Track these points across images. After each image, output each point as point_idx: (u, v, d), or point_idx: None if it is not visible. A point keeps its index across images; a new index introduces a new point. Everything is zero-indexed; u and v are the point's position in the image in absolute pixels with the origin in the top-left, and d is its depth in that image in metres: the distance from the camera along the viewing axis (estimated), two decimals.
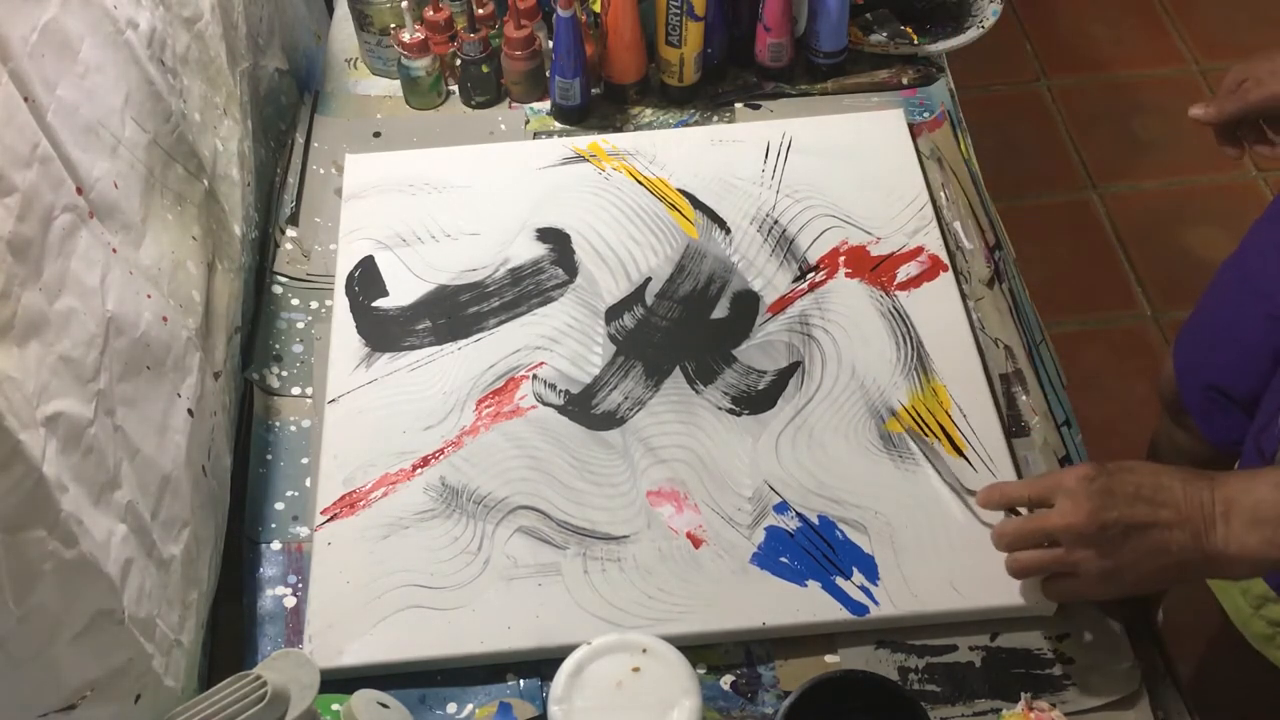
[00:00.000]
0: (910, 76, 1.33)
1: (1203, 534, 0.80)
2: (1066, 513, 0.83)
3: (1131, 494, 0.82)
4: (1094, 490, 0.82)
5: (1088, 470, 0.83)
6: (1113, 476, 0.82)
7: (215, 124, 1.07)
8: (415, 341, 1.11)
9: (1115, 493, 0.82)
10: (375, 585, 0.95)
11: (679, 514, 0.99)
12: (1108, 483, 0.82)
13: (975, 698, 0.90)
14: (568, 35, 1.23)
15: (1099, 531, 0.82)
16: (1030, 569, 0.88)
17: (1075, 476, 0.83)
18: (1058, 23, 2.61)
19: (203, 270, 0.99)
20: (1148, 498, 0.81)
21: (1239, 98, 1.05)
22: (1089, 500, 0.82)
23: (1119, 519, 0.81)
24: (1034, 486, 0.88)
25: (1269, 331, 1.11)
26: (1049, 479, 0.86)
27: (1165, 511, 0.81)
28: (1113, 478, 0.82)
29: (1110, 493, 0.82)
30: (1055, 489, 0.84)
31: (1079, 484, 0.82)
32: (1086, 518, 0.82)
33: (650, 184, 1.22)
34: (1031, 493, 0.88)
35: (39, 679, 0.69)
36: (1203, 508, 0.80)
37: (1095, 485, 0.82)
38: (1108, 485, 0.82)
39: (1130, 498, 0.81)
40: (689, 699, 0.81)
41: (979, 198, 1.23)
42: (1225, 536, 0.80)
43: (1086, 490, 0.82)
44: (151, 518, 0.81)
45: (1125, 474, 0.83)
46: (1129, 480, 0.82)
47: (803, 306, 1.12)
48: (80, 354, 0.74)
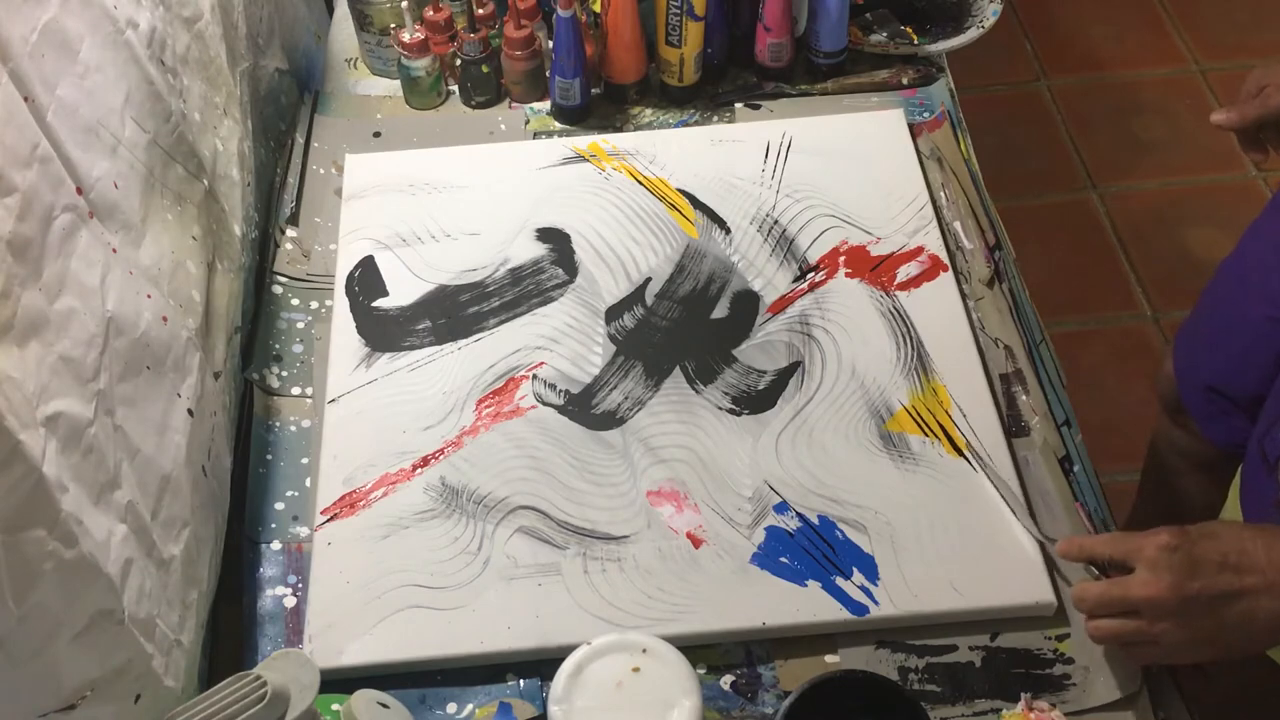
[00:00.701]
0: (910, 76, 1.33)
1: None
2: (1149, 584, 0.80)
3: (1216, 563, 0.79)
4: (1176, 562, 0.80)
5: (1169, 539, 0.81)
6: (1196, 545, 0.80)
7: (215, 124, 1.07)
8: (415, 341, 1.11)
9: (1198, 563, 0.79)
10: (375, 585, 0.95)
11: (679, 514, 0.99)
12: (1191, 552, 0.80)
13: (975, 698, 0.90)
14: (568, 35, 1.23)
15: (1181, 605, 0.79)
16: (1111, 639, 0.86)
17: (1156, 545, 0.81)
18: (1058, 23, 2.61)
19: (203, 270, 0.99)
20: (1233, 565, 0.79)
21: (1260, 103, 1.06)
22: (1171, 573, 0.79)
23: (1202, 590, 0.79)
24: (1116, 546, 0.85)
25: (1269, 333, 1.11)
26: (1132, 542, 0.83)
27: (1250, 578, 0.79)
28: (1196, 546, 0.80)
29: (1193, 563, 0.79)
30: (1137, 554, 0.82)
31: (1160, 554, 0.80)
32: (1169, 591, 0.79)
33: (650, 184, 1.23)
34: (1114, 553, 0.85)
35: (39, 679, 0.69)
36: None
37: (1178, 556, 0.80)
38: (1190, 555, 0.80)
39: (1215, 566, 0.79)
40: (689, 699, 0.81)
41: (979, 198, 1.23)
42: None
43: (1169, 561, 0.80)
44: (151, 518, 0.81)
45: (1208, 541, 0.80)
46: (1212, 549, 0.80)
47: (803, 306, 1.12)
48: (80, 354, 0.74)
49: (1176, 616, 0.80)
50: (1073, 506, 1.00)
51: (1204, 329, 1.27)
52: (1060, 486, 1.01)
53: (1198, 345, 1.28)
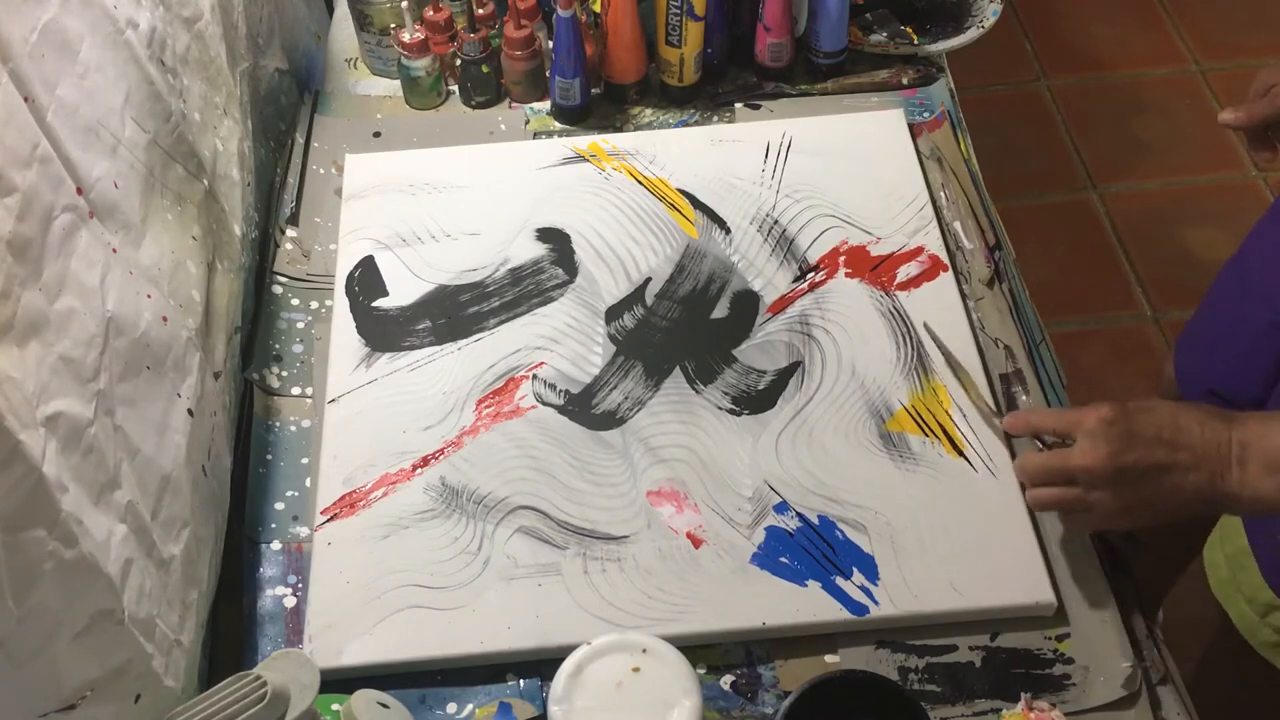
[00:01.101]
0: (910, 76, 1.33)
1: (1218, 476, 0.82)
2: (1086, 453, 0.84)
3: (1151, 437, 0.83)
4: (1114, 434, 0.83)
5: (1108, 412, 0.84)
6: (1132, 418, 0.84)
7: (215, 124, 1.07)
8: (415, 341, 1.11)
9: (1134, 435, 0.83)
10: (375, 585, 0.95)
11: (679, 514, 0.99)
12: (1128, 426, 0.83)
13: (975, 698, 0.90)
14: (568, 35, 1.23)
15: (1116, 474, 0.83)
16: (1048, 505, 0.91)
17: (1096, 417, 0.84)
18: (1058, 23, 2.61)
19: (203, 270, 0.99)
20: (1167, 440, 0.83)
21: (1269, 103, 1.06)
22: (1108, 443, 0.83)
23: (1137, 462, 0.83)
24: (1059, 420, 0.89)
25: (1271, 338, 1.11)
26: (1072, 414, 0.88)
27: (1182, 454, 0.82)
28: (1132, 419, 0.84)
29: (1130, 435, 0.83)
30: (1078, 426, 0.86)
31: (1099, 425, 0.84)
32: (1105, 460, 0.83)
33: (650, 184, 1.23)
34: (1056, 425, 0.89)
35: (39, 679, 0.69)
36: (1219, 449, 0.82)
37: (1116, 429, 0.83)
38: (1127, 428, 0.83)
39: (1149, 441, 0.83)
40: (689, 699, 0.81)
41: (979, 198, 1.23)
42: (1240, 479, 0.81)
43: (1106, 433, 0.83)
44: (151, 518, 0.82)
45: (1145, 415, 0.84)
46: (1148, 422, 0.83)
47: (803, 306, 1.12)
48: (80, 354, 0.74)
49: (1111, 485, 0.84)
50: None
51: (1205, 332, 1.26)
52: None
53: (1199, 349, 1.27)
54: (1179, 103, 2.44)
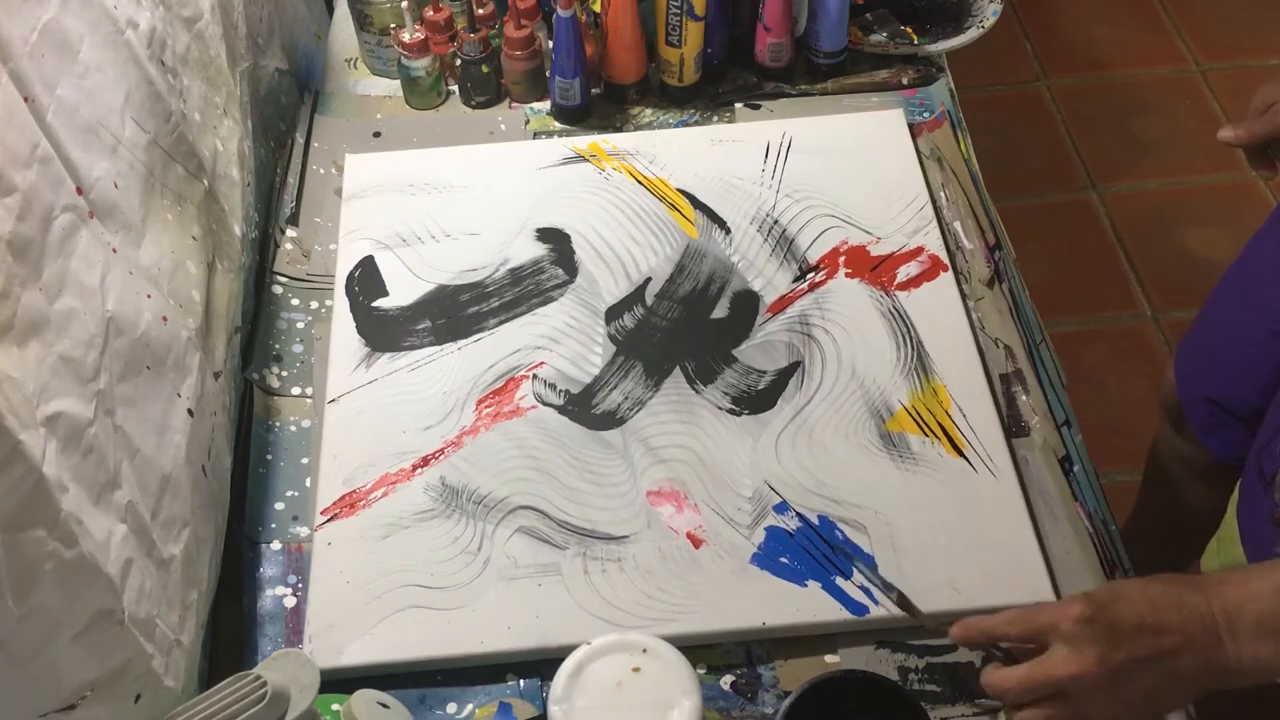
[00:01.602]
0: (910, 76, 1.33)
1: (1211, 652, 0.76)
2: (1072, 661, 0.76)
3: (1133, 626, 0.76)
4: (1096, 633, 0.76)
5: (1081, 609, 0.77)
6: (1108, 610, 0.77)
7: (215, 124, 1.07)
8: (415, 341, 1.11)
9: (1116, 629, 0.76)
10: (375, 585, 0.95)
11: (679, 514, 0.99)
12: (1107, 621, 0.76)
13: (975, 698, 0.90)
14: (568, 35, 1.23)
15: (1109, 677, 0.76)
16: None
17: (1070, 619, 0.76)
18: (1058, 23, 2.61)
19: (203, 270, 0.99)
20: (1150, 626, 0.76)
21: (1268, 120, 1.05)
22: (1094, 646, 0.76)
23: (1128, 658, 0.75)
24: (1020, 626, 0.79)
25: (1271, 347, 1.11)
26: (1037, 618, 0.79)
27: (1169, 638, 0.76)
28: (1109, 611, 0.77)
29: (1112, 631, 0.76)
30: (1049, 632, 0.77)
31: (1076, 627, 0.76)
32: (1095, 665, 0.75)
33: (650, 184, 1.23)
34: (1016, 633, 0.80)
35: (39, 679, 0.69)
36: (1204, 624, 0.76)
37: (1095, 627, 0.76)
38: (1107, 624, 0.76)
39: (1132, 631, 0.76)
40: (689, 699, 0.81)
41: (979, 198, 1.23)
42: (1236, 652, 0.75)
43: (1089, 634, 0.76)
44: (151, 518, 0.81)
45: (1120, 605, 0.77)
46: (1128, 613, 0.76)
47: (803, 306, 1.12)
48: (80, 354, 0.74)
49: (1106, 690, 0.76)
50: (1072, 506, 1.00)
51: (1206, 342, 1.26)
52: (1060, 486, 1.01)
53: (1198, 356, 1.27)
54: (1179, 103, 2.44)
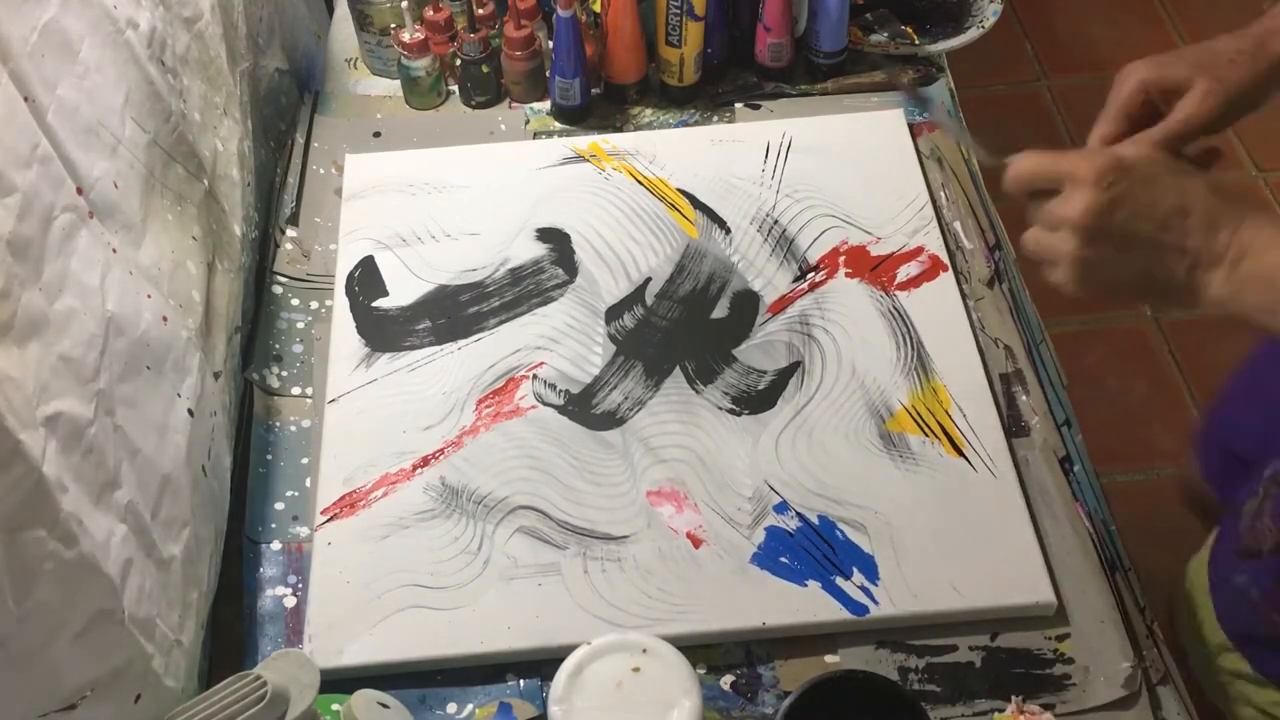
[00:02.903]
0: (910, 76, 1.33)
1: (1200, 270, 0.75)
2: (1066, 204, 0.77)
3: (1145, 206, 0.75)
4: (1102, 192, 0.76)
5: (1107, 165, 0.76)
6: (1134, 184, 0.76)
7: (215, 124, 1.07)
8: (415, 341, 1.11)
9: (1125, 200, 0.75)
10: (375, 585, 0.95)
11: (679, 514, 0.99)
12: (1126, 189, 0.75)
13: (975, 698, 0.90)
14: (568, 35, 1.23)
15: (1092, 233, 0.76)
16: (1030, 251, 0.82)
17: (1096, 170, 0.76)
18: (1058, 23, 2.61)
19: (203, 270, 0.99)
20: (1160, 216, 0.75)
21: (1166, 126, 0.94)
22: (1094, 198, 0.76)
23: (1120, 227, 0.76)
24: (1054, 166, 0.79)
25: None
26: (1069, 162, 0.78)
27: (1170, 235, 0.75)
28: (1133, 185, 0.76)
29: (1122, 199, 0.75)
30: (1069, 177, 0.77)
31: (1093, 177, 0.76)
32: (1081, 216, 0.76)
33: (650, 184, 1.23)
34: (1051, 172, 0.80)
35: (39, 679, 0.69)
36: (1214, 245, 0.75)
37: (1112, 192, 0.75)
38: (1125, 192, 0.75)
39: (1140, 211, 0.75)
40: (689, 699, 0.81)
41: (979, 198, 1.23)
42: (1224, 281, 0.75)
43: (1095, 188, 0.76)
44: (151, 518, 0.81)
45: (1147, 186, 0.76)
46: (1148, 195, 0.76)
47: (803, 306, 1.12)
48: (80, 354, 0.74)
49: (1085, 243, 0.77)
50: (1072, 506, 1.00)
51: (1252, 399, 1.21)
52: (1060, 486, 1.01)
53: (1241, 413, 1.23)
54: None
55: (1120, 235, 0.76)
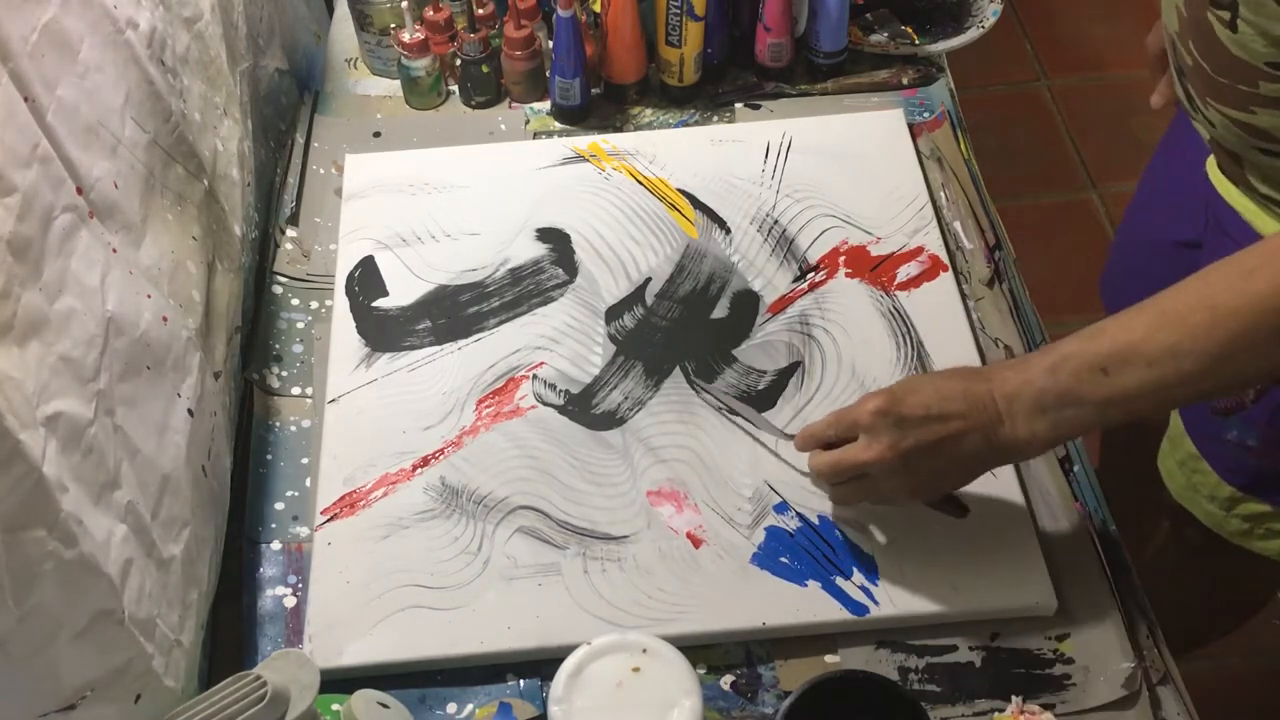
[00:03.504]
0: (910, 76, 1.33)
1: (992, 432, 0.86)
2: (869, 449, 0.89)
3: (921, 417, 0.87)
4: (888, 424, 0.88)
5: (877, 404, 0.88)
6: (901, 403, 0.88)
7: (215, 124, 1.07)
8: (415, 341, 1.11)
9: (906, 420, 0.87)
10: (375, 585, 0.95)
11: (679, 514, 0.99)
12: (898, 413, 0.87)
13: (975, 698, 0.90)
14: (568, 35, 1.23)
15: (902, 460, 0.87)
16: (850, 500, 0.97)
17: (868, 414, 0.89)
18: (1058, 23, 2.61)
19: (203, 270, 0.99)
20: (936, 415, 0.87)
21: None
22: (886, 434, 0.88)
23: (916, 444, 0.87)
24: (836, 425, 0.93)
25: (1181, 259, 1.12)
26: (847, 415, 0.91)
27: (954, 424, 0.86)
28: (901, 405, 0.88)
29: (902, 421, 0.87)
30: (855, 426, 0.90)
31: (874, 420, 0.88)
32: (886, 451, 0.88)
33: (650, 184, 1.22)
34: (838, 431, 0.93)
35: (39, 679, 0.69)
36: (985, 408, 0.86)
37: (889, 419, 0.87)
38: (899, 416, 0.87)
39: (920, 421, 0.87)
40: (689, 699, 0.81)
41: (979, 198, 1.23)
42: (1014, 430, 0.85)
43: (883, 425, 0.88)
44: (151, 518, 0.81)
45: (912, 398, 0.88)
46: (915, 403, 0.87)
47: (803, 306, 1.12)
48: (80, 354, 0.74)
49: (898, 471, 0.89)
50: (1072, 506, 1.00)
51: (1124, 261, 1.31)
52: (1060, 486, 1.01)
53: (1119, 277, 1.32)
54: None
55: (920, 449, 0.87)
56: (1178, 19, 0.95)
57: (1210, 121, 0.97)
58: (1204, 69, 0.94)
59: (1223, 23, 0.88)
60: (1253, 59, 0.88)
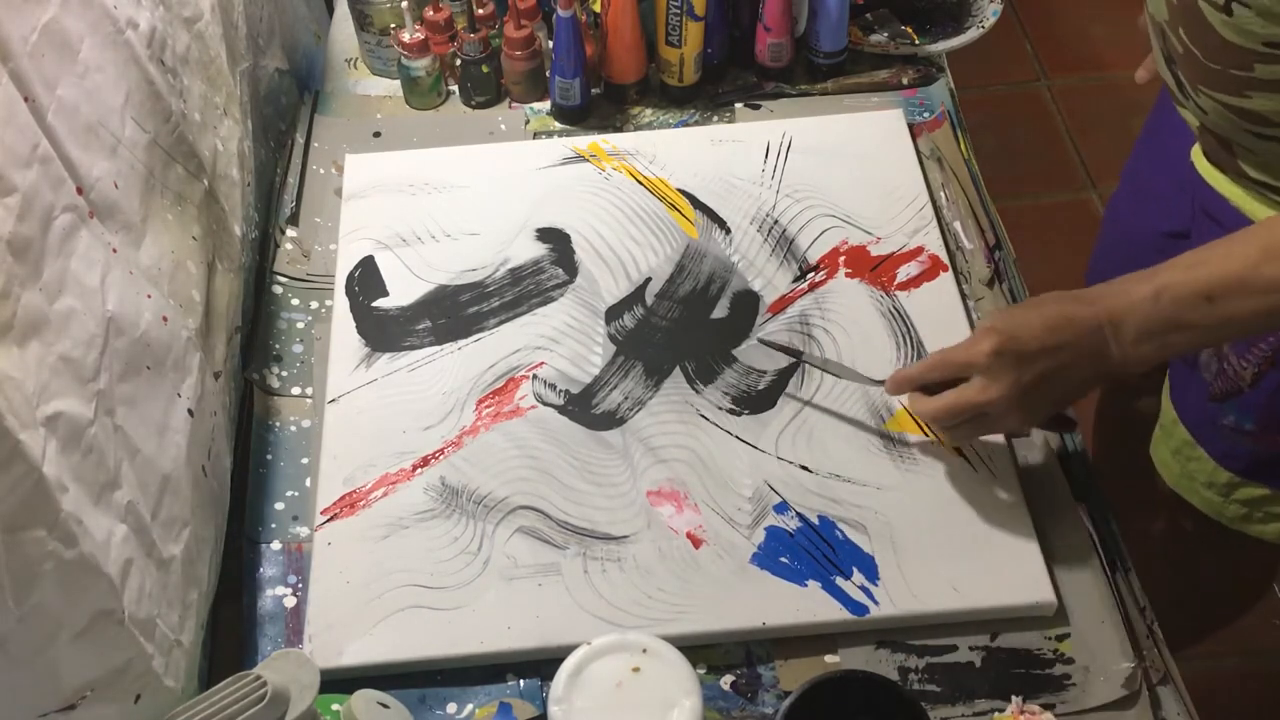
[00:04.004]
0: (910, 76, 1.33)
1: (1101, 356, 0.87)
2: (989, 389, 0.89)
3: (1037, 350, 0.88)
4: (1006, 363, 0.88)
5: (992, 344, 0.89)
6: (1015, 341, 0.88)
7: (215, 124, 1.07)
8: (415, 341, 1.11)
9: (1023, 356, 0.88)
10: (375, 585, 0.95)
11: (679, 514, 0.99)
12: (1014, 351, 0.88)
13: (975, 698, 0.90)
14: (568, 35, 1.23)
15: (1021, 395, 0.89)
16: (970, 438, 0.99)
17: (984, 354, 0.89)
18: (1058, 23, 2.61)
19: (203, 270, 0.99)
20: (1050, 347, 0.88)
21: None
22: (1006, 374, 0.88)
23: (1034, 379, 0.88)
24: (942, 369, 0.93)
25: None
26: (955, 358, 0.92)
27: (1065, 353, 0.88)
28: (1015, 342, 0.88)
29: (1019, 359, 0.88)
30: (967, 369, 0.91)
31: (990, 360, 0.89)
32: (1009, 390, 0.89)
33: (650, 184, 1.22)
34: (939, 375, 0.94)
35: (39, 679, 0.69)
36: (1094, 335, 0.87)
37: (1005, 358, 0.88)
38: (1015, 353, 0.88)
39: (1035, 354, 0.88)
40: (689, 699, 0.81)
41: (979, 198, 1.23)
42: (1122, 354, 0.87)
43: (1001, 365, 0.88)
44: (151, 518, 0.81)
45: (1023, 334, 0.89)
46: (1031, 338, 0.88)
47: (803, 306, 1.12)
48: (80, 354, 0.74)
49: (1021, 405, 0.90)
50: (1072, 506, 1.00)
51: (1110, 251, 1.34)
52: (1060, 486, 1.01)
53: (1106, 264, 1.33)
54: None
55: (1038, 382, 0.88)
56: (1166, 8, 0.96)
57: (1201, 108, 0.98)
58: (1195, 55, 0.94)
59: (1216, 8, 0.88)
60: (1248, 42, 0.88)
